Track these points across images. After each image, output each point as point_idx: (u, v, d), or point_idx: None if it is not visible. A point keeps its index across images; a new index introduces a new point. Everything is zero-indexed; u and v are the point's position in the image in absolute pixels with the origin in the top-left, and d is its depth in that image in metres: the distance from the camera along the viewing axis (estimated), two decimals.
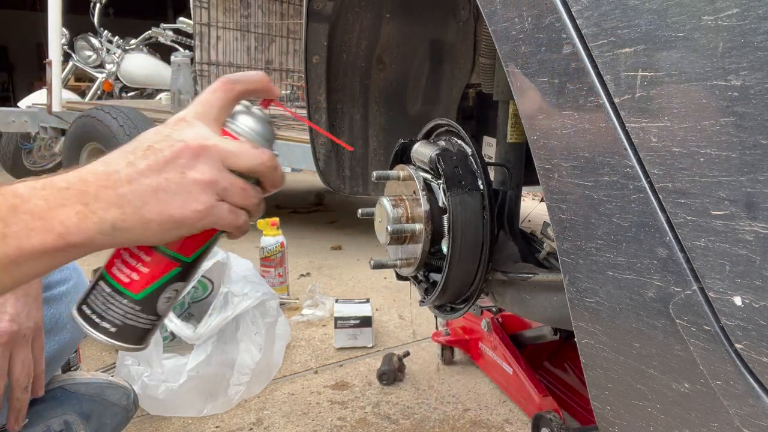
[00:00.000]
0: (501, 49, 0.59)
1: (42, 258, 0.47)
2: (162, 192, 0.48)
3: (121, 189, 0.48)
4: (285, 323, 1.77)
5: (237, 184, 0.52)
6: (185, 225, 0.50)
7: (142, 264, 0.54)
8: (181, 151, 0.49)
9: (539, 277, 0.88)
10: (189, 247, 0.55)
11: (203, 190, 0.49)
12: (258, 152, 0.53)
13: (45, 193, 0.47)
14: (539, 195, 3.39)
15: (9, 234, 0.45)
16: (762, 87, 0.39)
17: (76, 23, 5.11)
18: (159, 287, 0.55)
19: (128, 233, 0.48)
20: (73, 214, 0.47)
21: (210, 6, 3.52)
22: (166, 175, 0.48)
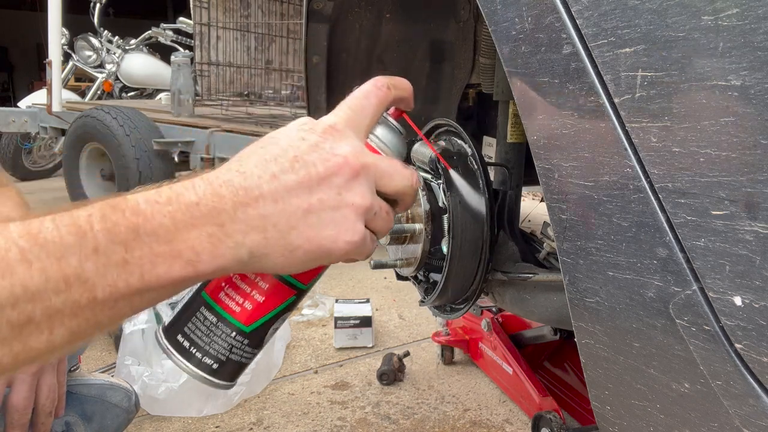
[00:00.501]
0: (501, 49, 0.59)
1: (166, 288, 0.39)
2: (313, 215, 0.41)
3: (266, 209, 0.40)
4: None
5: (384, 208, 0.45)
6: (333, 256, 0.43)
7: (258, 292, 0.47)
8: (339, 167, 0.42)
9: (539, 277, 0.88)
10: (309, 275, 0.49)
11: (359, 216, 0.43)
12: (409, 173, 0.47)
13: (171, 209, 0.39)
14: (539, 195, 3.40)
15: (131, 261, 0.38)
16: (762, 87, 0.39)
17: (76, 23, 5.11)
18: (272, 318, 0.48)
19: (267, 261, 0.41)
20: (206, 237, 0.39)
21: (210, 6, 3.51)
22: (320, 195, 0.41)
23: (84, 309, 0.37)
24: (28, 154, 4.98)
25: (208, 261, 0.39)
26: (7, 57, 12.38)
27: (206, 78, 3.62)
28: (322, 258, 0.43)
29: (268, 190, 0.40)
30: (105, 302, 0.37)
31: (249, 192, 0.40)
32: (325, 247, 0.42)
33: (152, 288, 0.39)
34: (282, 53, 3.97)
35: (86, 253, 0.36)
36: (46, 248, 0.36)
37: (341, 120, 0.45)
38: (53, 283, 0.35)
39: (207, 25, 3.53)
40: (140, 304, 0.40)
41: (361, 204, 0.42)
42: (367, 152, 0.44)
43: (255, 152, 0.43)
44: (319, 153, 0.42)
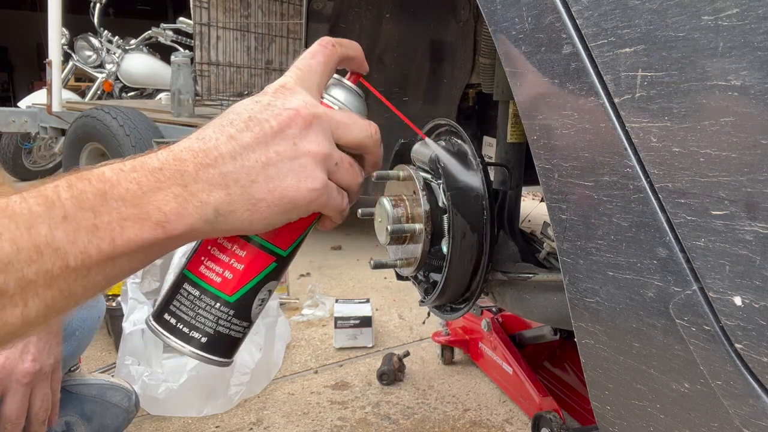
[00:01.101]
0: (501, 49, 0.59)
1: (138, 253, 0.40)
2: (272, 167, 0.42)
3: (225, 166, 0.41)
4: (285, 323, 1.77)
5: (346, 159, 0.47)
6: (298, 206, 0.44)
7: (236, 260, 0.47)
8: (291, 119, 0.43)
9: (539, 277, 0.89)
10: (286, 238, 0.49)
11: (318, 164, 0.44)
12: (366, 123, 0.48)
13: (136, 176, 0.40)
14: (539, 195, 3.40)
15: (101, 225, 0.38)
16: (762, 87, 0.39)
17: (76, 23, 5.11)
18: (255, 286, 0.48)
19: (233, 218, 0.42)
20: (171, 198, 0.40)
21: (210, 6, 3.51)
22: (276, 147, 0.42)
23: (57, 279, 0.37)
24: (28, 154, 4.98)
25: (176, 221, 0.40)
26: (7, 57, 12.38)
27: (206, 78, 3.62)
28: (287, 208, 0.43)
29: (226, 149, 0.41)
30: (78, 270, 0.37)
31: (208, 153, 0.41)
32: (287, 197, 0.42)
33: (124, 252, 0.39)
34: (282, 53, 3.97)
35: (55, 222, 0.37)
36: (15, 220, 0.36)
37: (291, 79, 0.46)
38: (25, 254, 0.35)
39: (207, 25, 3.53)
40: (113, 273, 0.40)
41: (317, 151, 0.43)
42: (320, 105, 0.46)
43: (213, 122, 0.44)
44: (271, 110, 0.43)
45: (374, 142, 0.50)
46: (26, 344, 0.77)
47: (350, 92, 0.52)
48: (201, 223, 0.41)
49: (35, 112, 3.89)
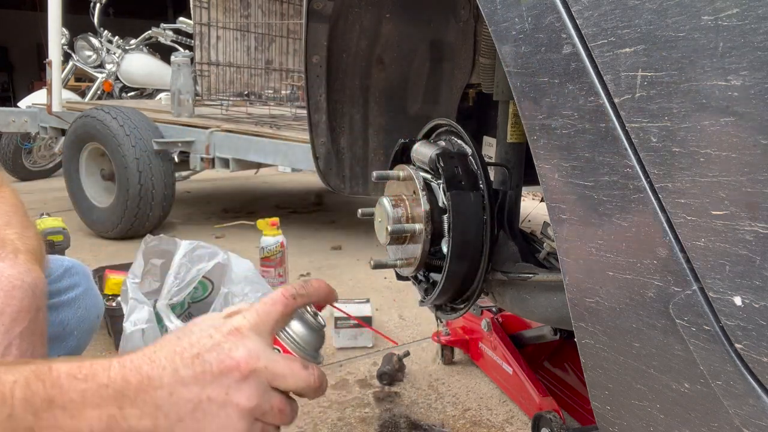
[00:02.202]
0: (501, 49, 0.59)
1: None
2: (200, 411, 0.46)
3: (161, 399, 0.46)
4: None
5: (276, 406, 0.50)
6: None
7: None
8: (230, 369, 0.47)
9: (539, 277, 0.89)
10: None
11: (243, 416, 0.47)
12: (306, 374, 0.51)
13: (84, 387, 0.45)
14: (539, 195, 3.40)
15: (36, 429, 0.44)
16: (762, 87, 0.39)
17: (76, 23, 5.11)
18: None
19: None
20: (105, 418, 0.45)
21: (210, 6, 3.51)
22: (210, 392, 0.47)
23: None
24: (28, 154, 4.98)
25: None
26: (7, 57, 12.38)
27: (206, 78, 3.62)
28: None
29: (168, 382, 0.46)
30: None
31: (152, 381, 0.46)
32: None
33: None
34: (282, 53, 3.97)
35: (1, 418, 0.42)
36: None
37: (247, 323, 0.51)
38: None
39: (207, 25, 3.53)
40: None
41: (246, 405, 0.47)
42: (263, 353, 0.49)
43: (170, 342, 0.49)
44: (217, 353, 0.48)
45: (313, 390, 0.52)
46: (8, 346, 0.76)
47: (307, 327, 0.56)
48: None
49: (35, 112, 3.89)
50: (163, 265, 1.58)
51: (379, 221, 0.98)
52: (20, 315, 0.75)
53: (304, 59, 1.23)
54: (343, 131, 1.34)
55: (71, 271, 0.94)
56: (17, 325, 0.75)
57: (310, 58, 1.22)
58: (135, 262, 1.55)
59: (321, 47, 1.21)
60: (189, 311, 1.64)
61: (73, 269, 0.95)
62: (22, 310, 0.75)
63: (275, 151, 2.80)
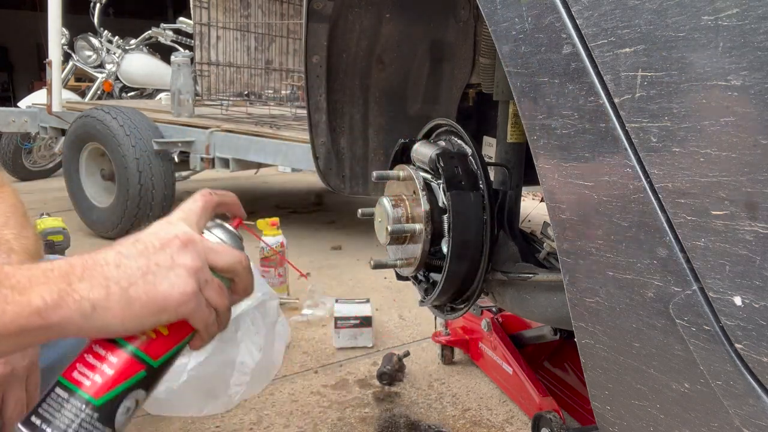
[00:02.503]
0: (501, 49, 0.59)
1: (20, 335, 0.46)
2: (150, 275, 0.49)
3: (109, 272, 0.49)
4: (285, 323, 1.77)
5: (215, 281, 0.54)
6: (168, 307, 0.50)
7: (107, 365, 0.51)
8: (170, 240, 0.52)
9: (539, 277, 0.89)
10: (158, 349, 0.54)
11: (190, 275, 0.51)
12: (238, 252, 0.57)
13: (29, 273, 0.47)
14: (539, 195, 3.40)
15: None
16: (762, 87, 0.39)
17: (76, 23, 5.10)
18: (122, 392, 0.51)
19: (108, 315, 0.48)
20: (55, 291, 0.46)
21: (210, 6, 3.51)
22: (156, 259, 0.50)
23: None
24: (28, 154, 4.98)
25: (53, 309, 0.46)
26: (7, 57, 12.38)
27: (206, 78, 3.62)
28: (159, 309, 0.49)
29: (112, 259, 0.50)
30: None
31: (97, 261, 0.49)
32: (160, 298, 0.49)
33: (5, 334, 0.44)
34: (282, 53, 3.97)
35: None
36: None
37: (174, 217, 0.56)
38: None
39: (207, 25, 3.53)
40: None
41: (191, 265, 0.51)
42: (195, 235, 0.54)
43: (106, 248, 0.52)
44: (155, 235, 0.53)
45: (243, 268, 0.57)
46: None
47: (227, 232, 0.60)
48: (77, 315, 0.46)
49: (35, 112, 3.89)
50: None
51: (379, 221, 0.98)
52: None
53: (304, 59, 1.23)
54: (343, 131, 1.34)
55: None
56: None
57: (310, 58, 1.22)
58: None
59: (321, 47, 1.21)
60: None
61: None
62: None
63: (275, 151, 2.79)
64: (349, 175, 1.38)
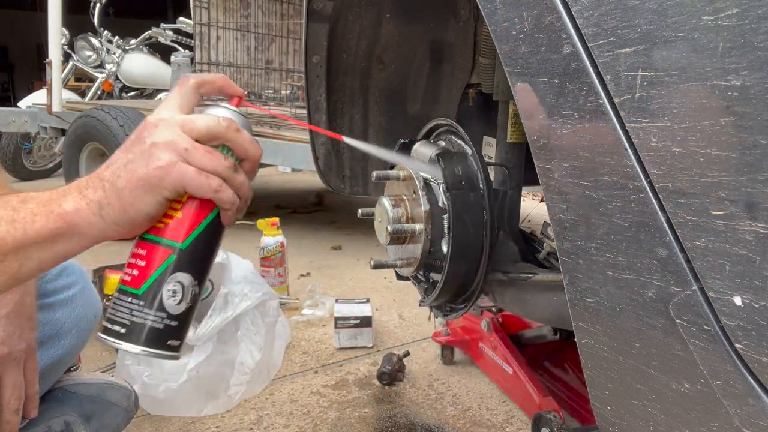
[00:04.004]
0: (501, 49, 0.59)
1: (45, 242, 0.53)
2: (131, 164, 0.55)
3: (102, 174, 0.56)
4: (285, 323, 1.77)
5: (199, 147, 0.56)
6: (153, 185, 0.54)
7: (140, 258, 0.57)
8: (143, 128, 0.56)
9: (539, 277, 0.89)
10: (180, 232, 0.57)
11: (162, 149, 0.54)
12: (212, 116, 0.58)
13: (50, 192, 0.55)
14: (539, 195, 3.40)
15: (17, 219, 0.53)
16: (762, 87, 0.39)
17: (76, 23, 5.11)
18: (158, 278, 0.57)
19: (112, 210, 0.54)
20: (71, 199, 0.54)
21: (210, 6, 3.51)
22: (134, 150, 0.55)
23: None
24: (28, 154, 4.98)
25: (73, 213, 0.54)
26: (7, 57, 12.38)
27: None
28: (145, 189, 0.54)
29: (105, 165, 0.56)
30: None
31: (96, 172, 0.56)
32: (141, 179, 0.54)
33: (33, 241, 0.53)
34: (282, 53, 3.97)
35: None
36: None
37: (155, 110, 0.59)
38: None
39: (207, 25, 3.53)
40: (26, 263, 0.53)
41: (161, 140, 0.54)
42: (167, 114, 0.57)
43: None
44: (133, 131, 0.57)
45: (224, 127, 0.57)
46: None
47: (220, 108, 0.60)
48: (92, 215, 0.54)
49: (35, 112, 3.89)
50: None
51: (379, 221, 0.98)
52: (6, 296, 0.75)
53: (304, 59, 1.23)
54: (343, 131, 1.34)
55: (67, 271, 0.94)
56: (2, 306, 0.75)
57: (310, 58, 1.22)
58: None
59: (321, 47, 1.21)
60: None
61: (68, 269, 0.95)
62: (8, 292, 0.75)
63: (275, 151, 2.79)
64: (349, 175, 1.38)
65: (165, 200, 0.56)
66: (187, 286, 0.58)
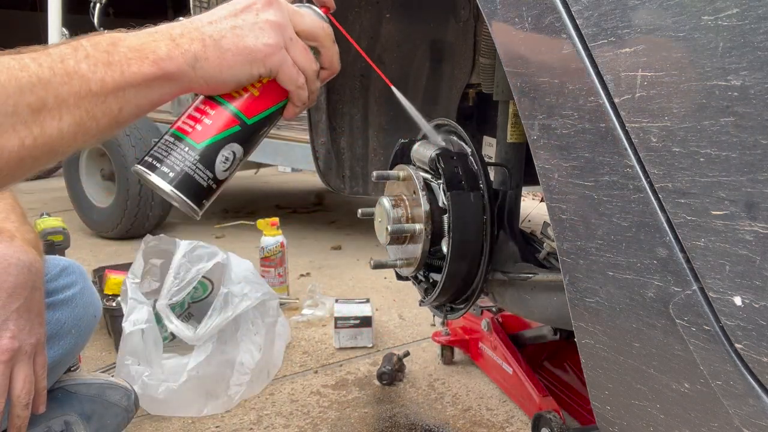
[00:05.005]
0: (501, 49, 0.59)
1: (141, 86, 0.54)
2: (238, 29, 0.56)
3: (204, 28, 0.56)
4: (285, 323, 1.77)
5: (300, 42, 0.59)
6: (256, 57, 0.56)
7: (206, 116, 0.60)
8: (252, 3, 0.57)
9: (539, 277, 0.89)
10: (251, 109, 0.61)
11: (274, 29, 0.57)
12: (320, 19, 0.62)
13: (138, 35, 0.55)
14: (539, 195, 3.40)
15: (113, 62, 0.52)
16: (762, 87, 0.39)
17: (76, 23, 5.10)
18: (219, 140, 0.59)
19: (208, 65, 0.55)
20: (163, 45, 0.54)
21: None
22: (243, 17, 0.56)
23: (83, 100, 0.51)
24: None
25: (167, 60, 0.54)
26: None
27: None
28: (248, 59, 0.56)
29: (206, 19, 0.56)
30: (98, 95, 0.51)
31: (192, 22, 0.56)
32: (248, 48, 0.56)
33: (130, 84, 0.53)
34: None
35: (80, 57, 0.51)
36: (51, 56, 0.50)
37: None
38: (59, 77, 0.49)
39: None
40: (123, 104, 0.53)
41: (274, 20, 0.57)
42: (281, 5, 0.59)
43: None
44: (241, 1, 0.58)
45: (325, 33, 0.62)
46: (5, 321, 0.76)
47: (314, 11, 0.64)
48: (185, 66, 0.55)
49: None
50: (162, 265, 1.58)
51: (379, 221, 0.98)
52: (16, 291, 0.76)
53: None
54: (343, 131, 1.34)
55: (67, 271, 0.94)
56: (14, 301, 0.75)
57: None
58: (135, 262, 1.55)
59: None
60: (189, 311, 1.64)
61: (69, 269, 0.95)
62: (18, 286, 0.75)
63: (275, 151, 2.79)
64: (349, 175, 1.38)
65: (258, 75, 0.58)
66: (237, 158, 0.61)
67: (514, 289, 0.94)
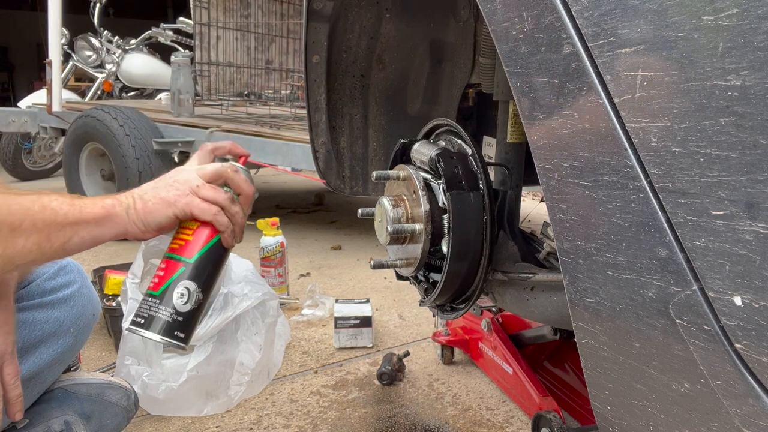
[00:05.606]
0: (501, 49, 0.59)
1: (91, 223, 0.73)
2: (157, 189, 0.77)
3: (134, 191, 0.78)
4: (285, 323, 1.77)
5: (207, 186, 0.78)
6: (170, 203, 0.76)
7: (161, 270, 0.78)
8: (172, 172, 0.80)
9: (539, 277, 0.89)
10: (189, 250, 0.78)
11: (181, 183, 0.77)
12: (220, 165, 0.81)
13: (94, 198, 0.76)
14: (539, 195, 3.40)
15: (75, 204, 0.73)
16: (762, 87, 0.39)
17: (76, 23, 5.10)
18: (171, 284, 0.77)
19: (135, 212, 0.75)
20: (109, 200, 0.75)
21: (210, 6, 3.51)
22: (160, 182, 0.79)
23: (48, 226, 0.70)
24: (28, 154, 4.98)
25: (110, 207, 0.75)
26: (7, 57, 12.37)
27: (206, 78, 3.62)
28: (164, 205, 0.76)
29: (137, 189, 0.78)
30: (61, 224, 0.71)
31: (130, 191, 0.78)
32: (163, 198, 0.76)
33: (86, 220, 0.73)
34: (282, 53, 3.97)
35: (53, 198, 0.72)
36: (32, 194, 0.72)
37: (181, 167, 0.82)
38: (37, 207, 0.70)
39: (207, 25, 3.53)
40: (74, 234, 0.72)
41: (180, 178, 0.78)
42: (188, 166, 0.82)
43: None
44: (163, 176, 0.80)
45: (225, 170, 0.80)
46: None
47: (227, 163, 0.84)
48: (122, 212, 0.75)
49: (35, 112, 3.89)
50: None
51: (379, 221, 0.98)
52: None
53: (304, 59, 1.23)
54: (343, 131, 1.34)
55: (65, 269, 0.94)
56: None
57: (310, 58, 1.22)
58: (135, 262, 1.55)
59: (321, 47, 1.22)
60: None
61: (67, 267, 0.95)
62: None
63: (275, 151, 2.79)
64: (349, 175, 1.38)
65: (175, 217, 0.77)
66: (192, 291, 0.77)
67: (514, 289, 0.94)
